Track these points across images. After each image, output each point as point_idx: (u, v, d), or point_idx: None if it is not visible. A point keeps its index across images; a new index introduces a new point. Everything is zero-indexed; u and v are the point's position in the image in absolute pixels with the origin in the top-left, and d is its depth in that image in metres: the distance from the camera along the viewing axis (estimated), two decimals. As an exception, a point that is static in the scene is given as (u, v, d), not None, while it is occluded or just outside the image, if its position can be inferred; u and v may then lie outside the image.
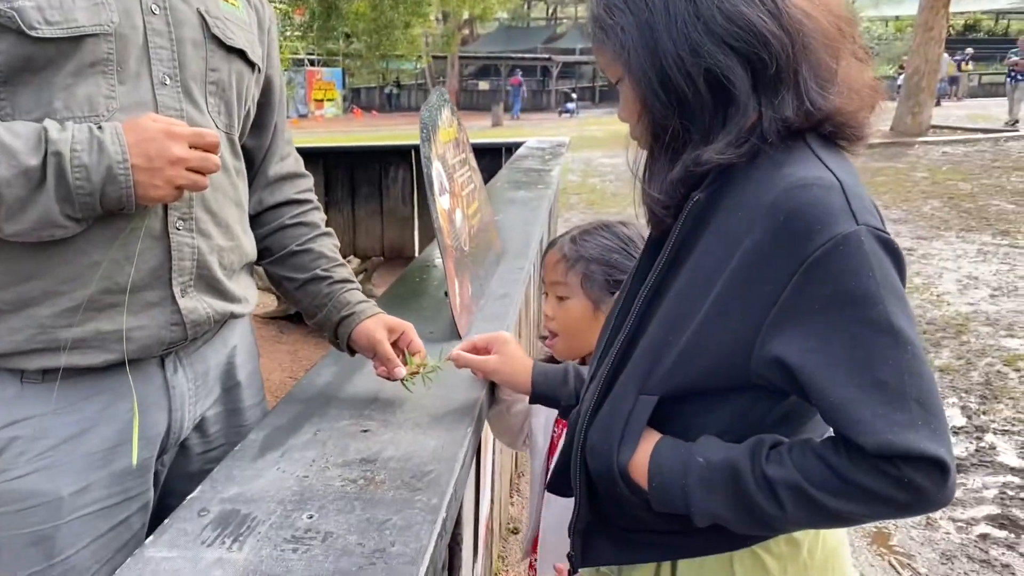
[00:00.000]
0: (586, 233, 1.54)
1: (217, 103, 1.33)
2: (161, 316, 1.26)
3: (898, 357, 0.89)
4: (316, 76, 34.54)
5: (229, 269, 1.38)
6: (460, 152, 2.22)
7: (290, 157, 1.61)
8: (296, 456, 1.23)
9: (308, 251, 1.55)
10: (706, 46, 0.98)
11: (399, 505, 1.09)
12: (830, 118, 1.02)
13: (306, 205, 1.60)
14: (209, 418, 1.44)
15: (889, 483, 0.90)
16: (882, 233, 0.94)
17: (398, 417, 1.37)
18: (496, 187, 4.20)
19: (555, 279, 1.53)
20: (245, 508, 1.08)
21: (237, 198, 1.40)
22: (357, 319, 1.49)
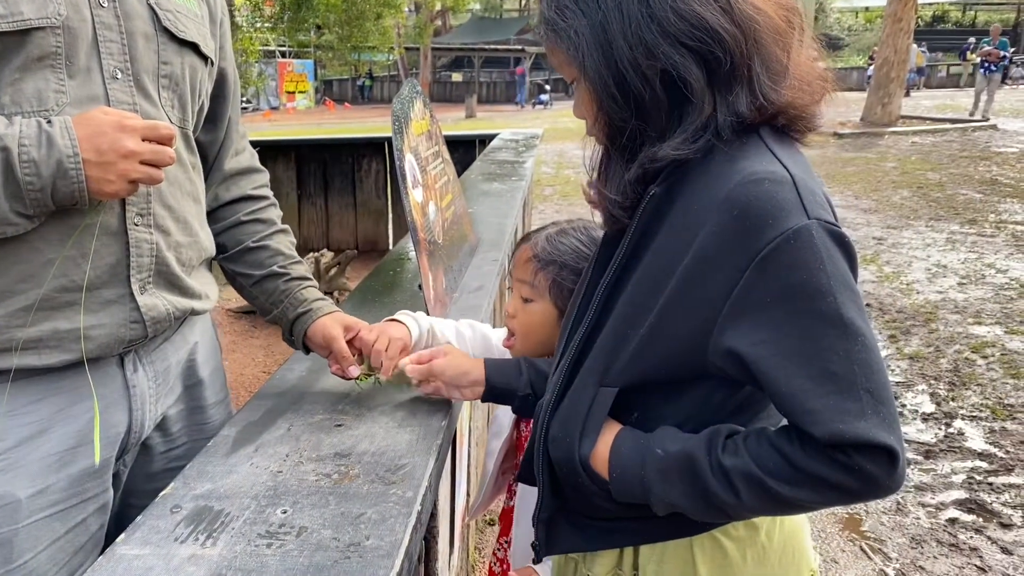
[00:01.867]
0: (563, 233, 1.47)
1: (170, 97, 1.30)
2: (120, 314, 1.24)
3: (848, 348, 0.91)
4: (287, 68, 34.18)
5: (188, 265, 1.36)
6: (433, 144, 2.21)
7: (245, 152, 1.58)
8: (269, 451, 1.22)
9: (264, 248, 1.53)
10: (661, 47, 0.98)
11: (374, 499, 1.09)
12: (783, 112, 1.03)
13: (262, 201, 1.58)
14: (171, 416, 1.42)
15: (840, 471, 0.92)
16: (833, 227, 0.95)
17: (372, 411, 1.37)
18: (470, 179, 4.19)
19: (523, 278, 1.47)
20: (218, 504, 1.07)
21: (194, 193, 1.38)
22: (313, 316, 1.48)
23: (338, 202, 7.33)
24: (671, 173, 1.04)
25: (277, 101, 32.97)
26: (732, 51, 0.99)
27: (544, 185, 11.69)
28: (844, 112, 19.77)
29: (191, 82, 1.34)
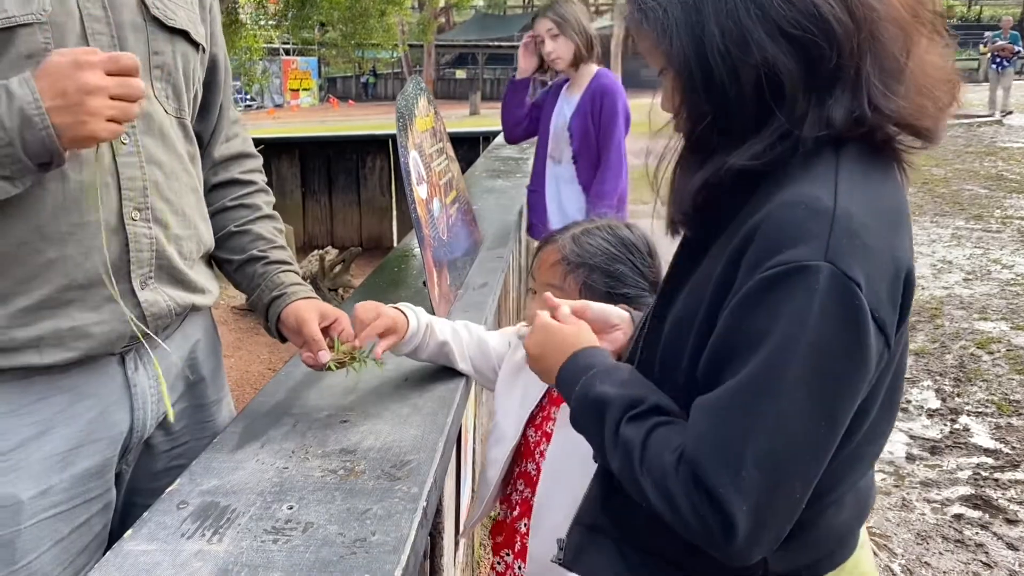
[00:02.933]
0: (588, 233, 1.41)
1: (164, 87, 1.28)
2: (120, 310, 1.22)
3: (774, 419, 0.82)
4: (292, 65, 34.21)
5: (189, 258, 1.35)
6: (437, 141, 2.22)
7: (237, 138, 1.55)
8: (276, 447, 1.23)
9: (246, 232, 1.50)
10: (757, 34, 0.86)
11: (379, 495, 1.09)
12: (886, 124, 0.90)
13: (250, 186, 1.55)
14: (173, 415, 1.38)
15: (688, 502, 0.85)
16: (851, 283, 0.81)
17: (377, 408, 1.37)
18: (474, 176, 4.19)
19: (550, 281, 1.41)
20: (224, 500, 1.07)
21: (193, 184, 1.36)
22: (288, 300, 1.44)
23: (342, 199, 7.35)
24: (739, 184, 0.93)
25: (281, 99, 32.99)
26: (841, 45, 0.86)
27: (548, 182, 11.66)
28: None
29: (184, 71, 1.31)
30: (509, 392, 1.50)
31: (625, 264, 1.41)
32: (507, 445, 1.46)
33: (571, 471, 1.38)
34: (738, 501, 0.82)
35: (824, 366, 0.82)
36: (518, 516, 1.47)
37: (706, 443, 0.85)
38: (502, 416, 1.50)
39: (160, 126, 1.27)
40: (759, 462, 0.82)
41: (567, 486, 1.38)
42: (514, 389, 1.49)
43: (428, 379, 1.51)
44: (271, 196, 1.60)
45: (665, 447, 0.90)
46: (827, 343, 0.81)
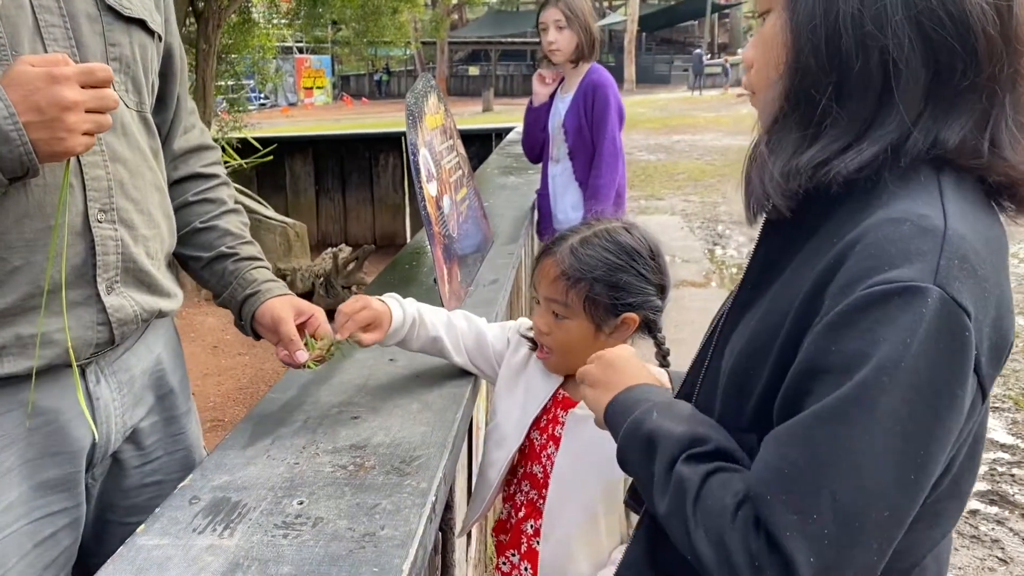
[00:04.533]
0: (586, 243, 1.37)
1: (124, 80, 1.22)
2: (86, 316, 1.17)
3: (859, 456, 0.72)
4: (305, 64, 34.32)
5: (155, 259, 1.30)
6: (447, 138, 2.22)
7: (195, 129, 1.49)
8: (286, 443, 1.24)
9: (212, 228, 1.45)
10: (896, 17, 0.77)
11: (389, 490, 1.10)
12: (997, 168, 0.81)
13: (212, 180, 1.49)
14: (144, 429, 1.34)
15: (745, 553, 0.74)
16: (963, 315, 0.72)
17: (387, 404, 1.38)
18: (486, 173, 4.19)
19: (553, 296, 1.38)
20: (235, 495, 1.09)
21: (156, 182, 1.31)
22: (262, 297, 1.40)
23: (355, 197, 7.38)
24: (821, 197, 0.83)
25: (295, 97, 33.10)
26: (981, 63, 0.77)
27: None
28: None
29: (143, 62, 1.26)
30: (510, 393, 1.48)
31: (628, 272, 1.36)
32: (509, 447, 1.45)
33: (582, 479, 1.38)
34: (804, 551, 0.71)
35: (922, 401, 0.72)
36: (524, 517, 1.47)
37: (774, 477, 0.74)
38: (503, 418, 1.48)
39: (122, 121, 1.22)
40: (836, 507, 0.71)
41: (579, 494, 1.38)
42: (515, 390, 1.48)
43: (439, 376, 1.51)
44: (233, 189, 1.56)
45: (726, 491, 0.79)
46: (928, 375, 0.71)
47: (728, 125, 17.80)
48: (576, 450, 1.37)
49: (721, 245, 7.78)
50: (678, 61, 37.87)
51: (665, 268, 1.42)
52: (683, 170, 12.24)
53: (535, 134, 3.57)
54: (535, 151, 3.66)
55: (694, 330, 4.67)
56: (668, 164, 12.88)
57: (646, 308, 1.37)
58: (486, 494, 1.50)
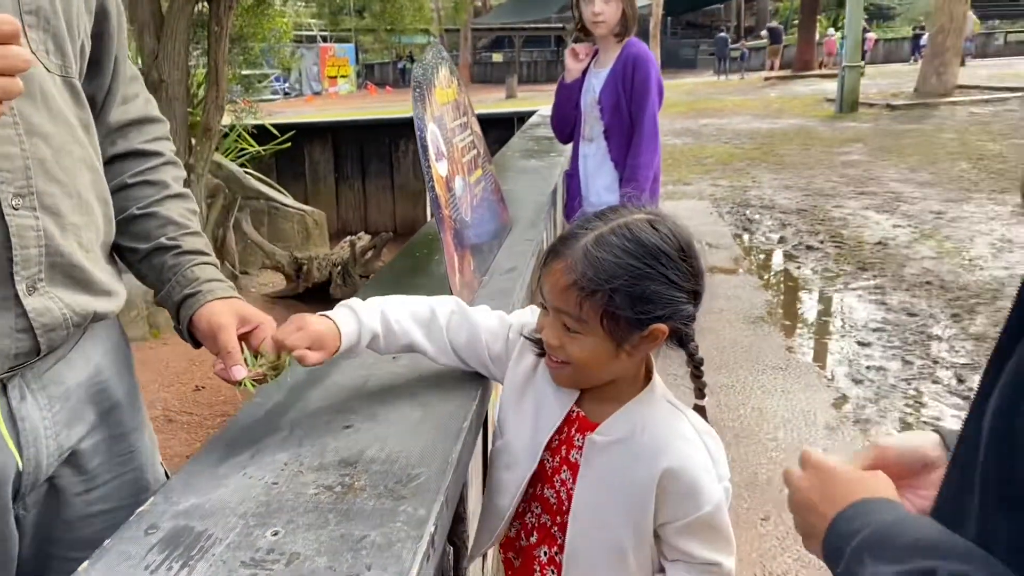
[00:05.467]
0: (603, 244, 1.11)
1: (42, 38, 1.03)
2: (3, 322, 0.99)
3: None
4: (329, 52, 34.28)
5: (90, 251, 1.11)
6: (460, 115, 2.05)
7: (138, 99, 1.28)
8: (267, 459, 1.07)
9: (152, 216, 1.24)
10: None
11: (380, 517, 0.93)
12: None
13: (155, 159, 1.28)
14: (85, 451, 1.15)
15: None
16: None
17: (386, 410, 1.21)
18: (506, 156, 4.02)
19: (563, 308, 1.14)
20: (201, 524, 0.92)
21: (88, 159, 1.11)
22: (202, 299, 1.19)
23: (376, 184, 7.23)
24: None
25: (319, 86, 33.10)
26: None
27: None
28: (896, 83, 19.13)
29: (66, 17, 1.06)
30: (518, 407, 1.29)
31: (655, 280, 1.10)
32: (522, 472, 1.26)
33: (606, 515, 1.20)
34: None
35: None
36: (536, 543, 1.29)
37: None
38: (513, 436, 1.29)
39: (41, 88, 1.02)
40: None
41: (603, 532, 1.20)
42: (523, 404, 1.28)
43: (448, 376, 1.34)
44: (181, 170, 1.35)
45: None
46: None
47: (756, 108, 17.46)
48: (597, 481, 1.19)
49: (751, 231, 7.55)
50: (704, 45, 37.36)
51: (700, 269, 1.16)
52: (711, 154, 11.98)
53: (567, 112, 3.37)
54: (566, 131, 3.46)
55: (722, 318, 4.47)
56: (695, 148, 12.61)
57: (676, 318, 1.13)
58: (496, 525, 1.31)
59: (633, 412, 1.20)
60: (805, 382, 4.11)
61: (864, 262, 6.24)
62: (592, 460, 1.20)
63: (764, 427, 3.61)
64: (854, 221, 7.58)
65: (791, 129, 14.22)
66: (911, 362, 4.33)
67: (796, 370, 4.26)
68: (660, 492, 1.16)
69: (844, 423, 3.65)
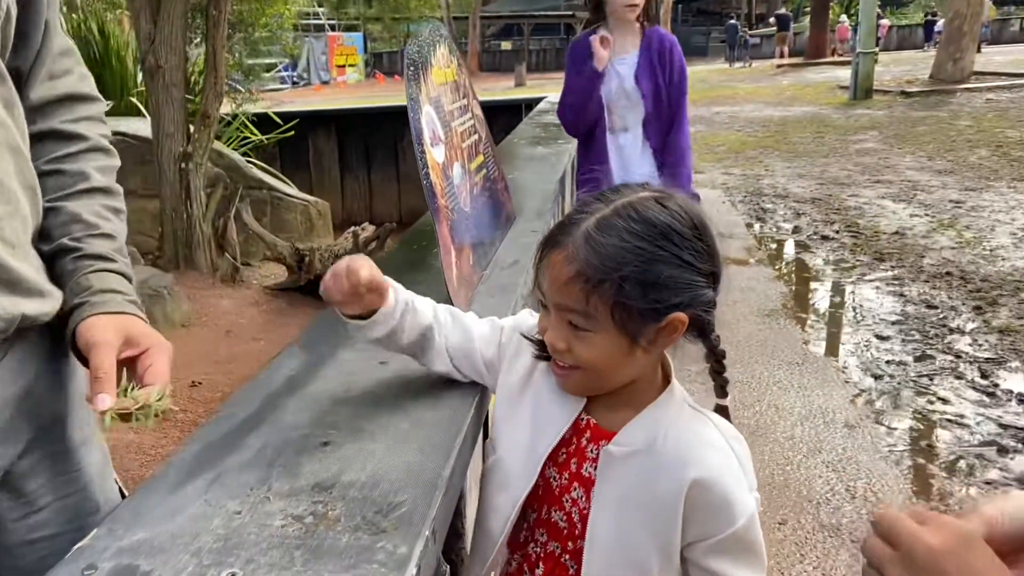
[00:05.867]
0: (606, 227, 0.98)
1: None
2: None
3: None
4: (337, 41, 34.10)
5: (16, 246, 0.97)
6: (460, 97, 1.91)
7: (69, 75, 1.13)
8: (231, 481, 0.95)
9: (58, 211, 1.09)
10: None
11: (354, 556, 0.80)
12: None
13: (77, 143, 1.13)
14: (21, 472, 1.04)
15: None
16: None
17: (370, 423, 1.08)
18: (512, 143, 3.88)
19: (567, 304, 1.00)
20: (147, 563, 0.80)
21: (10, 140, 0.99)
22: (87, 311, 1.04)
23: (381, 174, 7.10)
24: None
25: (328, 75, 32.92)
26: None
27: (596, 153, 11.29)
28: (911, 70, 18.85)
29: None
30: (512, 418, 1.14)
31: (668, 263, 0.97)
32: (517, 492, 1.11)
33: (630, 535, 1.05)
34: None
35: None
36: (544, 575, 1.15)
37: None
38: (506, 451, 1.14)
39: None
40: None
41: (627, 555, 1.05)
42: (519, 414, 1.13)
43: (438, 384, 1.21)
44: (111, 158, 1.18)
45: None
46: None
47: (768, 96, 17.23)
48: (616, 499, 1.04)
49: (764, 220, 7.39)
50: (715, 32, 37.00)
51: (715, 248, 1.02)
52: (723, 142, 11.79)
53: (589, 104, 3.22)
54: (589, 124, 3.29)
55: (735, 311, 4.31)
56: (708, 136, 12.42)
57: (695, 305, 0.99)
58: (488, 552, 1.15)
59: (653, 418, 1.05)
60: (822, 377, 3.96)
61: (881, 252, 6.08)
62: (609, 474, 1.05)
63: (780, 425, 3.47)
64: (870, 210, 7.40)
65: (804, 117, 13.99)
66: (932, 356, 4.18)
67: (813, 365, 4.12)
68: (688, 507, 1.02)
69: (864, 421, 3.51)
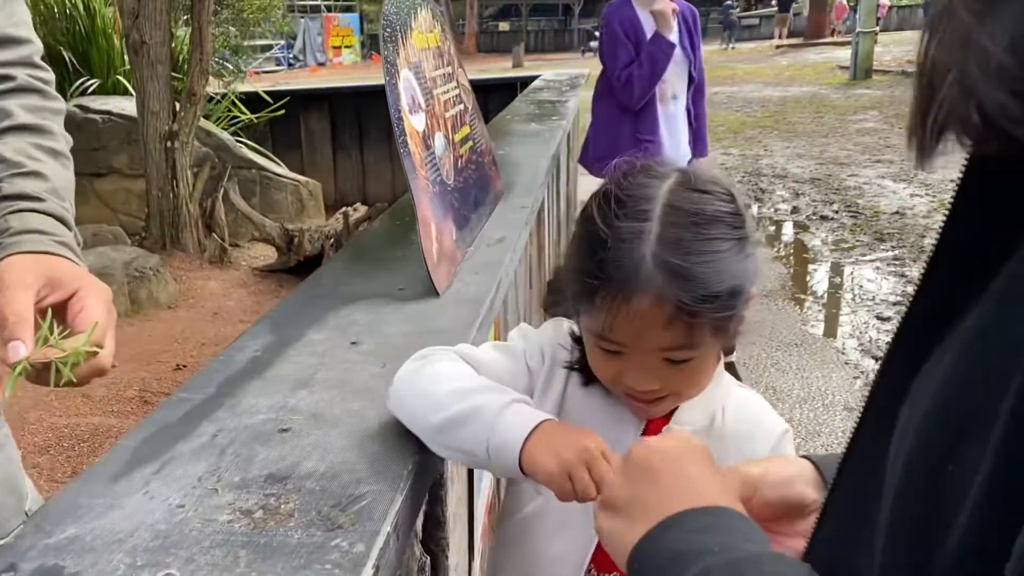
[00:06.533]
0: (674, 243, 0.82)
1: None
2: None
3: None
4: (333, 22, 33.82)
5: None
6: (444, 64, 1.82)
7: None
8: (178, 472, 0.86)
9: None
10: None
11: (305, 556, 0.72)
12: None
13: (2, 83, 1.04)
14: None
15: None
16: None
17: (334, 408, 1.00)
18: (504, 120, 3.79)
19: (662, 344, 0.85)
20: (74, 564, 0.72)
21: None
22: (4, 251, 0.93)
23: (374, 154, 7.00)
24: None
25: (324, 57, 32.67)
26: None
27: (593, 133, 11.18)
28: (911, 50, 18.67)
29: None
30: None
31: (738, 252, 0.85)
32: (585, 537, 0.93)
33: None
34: None
35: None
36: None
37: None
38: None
39: None
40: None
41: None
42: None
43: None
44: (49, 101, 1.10)
45: None
46: None
47: (767, 76, 17.08)
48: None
49: (763, 200, 7.30)
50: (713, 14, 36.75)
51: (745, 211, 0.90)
52: (722, 122, 11.67)
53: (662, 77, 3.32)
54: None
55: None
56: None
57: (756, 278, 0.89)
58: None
59: (707, 396, 0.95)
60: (821, 359, 3.89)
61: (881, 232, 5.99)
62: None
63: (779, 407, 3.39)
64: (870, 190, 7.31)
65: (803, 96, 13.85)
66: (933, 338, 4.11)
67: (812, 346, 4.04)
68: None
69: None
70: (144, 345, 3.61)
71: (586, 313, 0.88)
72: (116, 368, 3.32)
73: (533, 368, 0.99)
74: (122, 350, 3.34)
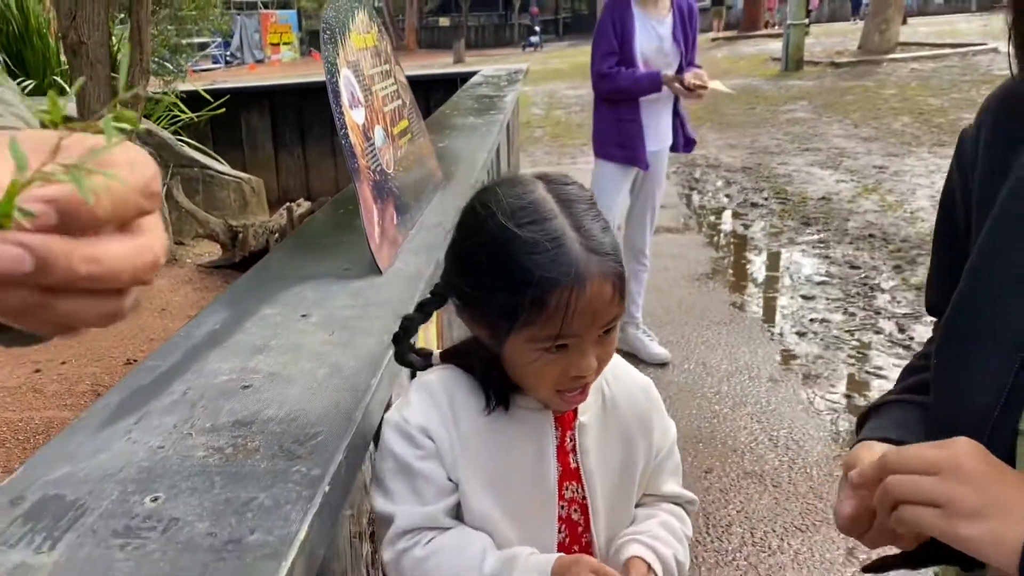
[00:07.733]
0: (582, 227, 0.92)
1: None
2: None
3: None
4: (270, 19, 33.40)
5: None
6: (381, 63, 1.95)
7: None
8: (154, 422, 1.00)
9: None
10: None
11: (271, 479, 0.86)
12: None
13: None
14: None
15: None
16: None
17: (290, 369, 1.14)
18: (443, 114, 3.92)
19: (607, 317, 0.93)
20: (72, 493, 0.85)
21: None
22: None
23: (317, 150, 7.06)
24: None
25: (262, 54, 32.24)
26: None
27: (534, 127, 11.35)
28: (841, 42, 19.26)
29: None
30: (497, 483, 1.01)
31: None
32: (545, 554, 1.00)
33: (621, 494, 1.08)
34: None
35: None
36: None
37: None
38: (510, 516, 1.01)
39: None
40: None
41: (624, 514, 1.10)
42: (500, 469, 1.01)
43: (360, 333, 1.27)
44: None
45: None
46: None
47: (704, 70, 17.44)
48: (601, 465, 1.06)
49: (698, 190, 7.55)
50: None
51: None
52: None
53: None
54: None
55: (667, 277, 4.43)
56: (643, 110, 12.56)
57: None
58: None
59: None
60: (749, 336, 4.12)
61: (808, 217, 6.28)
62: (587, 444, 1.05)
63: (708, 381, 3.61)
64: (799, 177, 7.61)
65: (736, 88, 14.22)
66: (854, 314, 4.37)
67: (740, 325, 4.27)
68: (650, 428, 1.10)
69: (788, 375, 3.67)
70: (93, 341, 3.66)
71: (531, 324, 0.90)
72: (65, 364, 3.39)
73: (441, 450, 0.99)
74: (72, 346, 3.37)
